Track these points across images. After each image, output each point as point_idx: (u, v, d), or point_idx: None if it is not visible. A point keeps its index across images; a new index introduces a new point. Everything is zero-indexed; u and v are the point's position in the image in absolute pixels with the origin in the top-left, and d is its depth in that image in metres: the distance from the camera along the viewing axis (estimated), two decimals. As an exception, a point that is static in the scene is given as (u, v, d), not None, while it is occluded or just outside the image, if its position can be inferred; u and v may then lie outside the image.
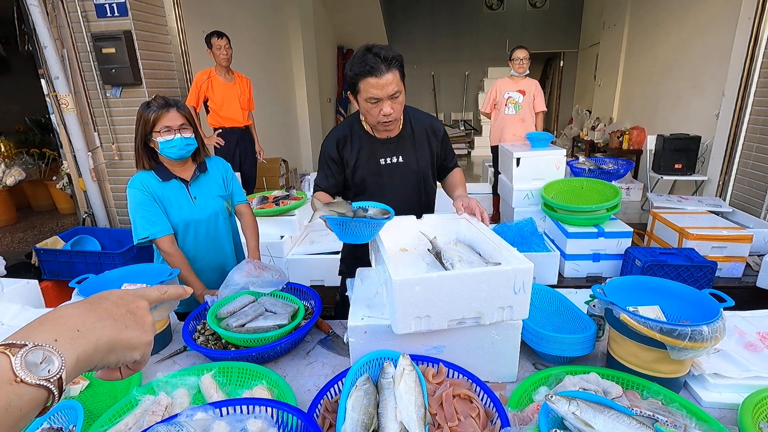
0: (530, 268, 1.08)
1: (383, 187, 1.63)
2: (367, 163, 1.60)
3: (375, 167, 1.62)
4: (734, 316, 1.40)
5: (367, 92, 1.40)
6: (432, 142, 1.67)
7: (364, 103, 1.44)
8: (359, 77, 1.38)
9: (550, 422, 0.89)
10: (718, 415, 1.05)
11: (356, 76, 1.39)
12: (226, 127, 3.95)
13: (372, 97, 1.40)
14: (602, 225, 2.93)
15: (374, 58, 1.35)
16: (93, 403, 1.17)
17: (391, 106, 1.43)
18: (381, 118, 1.45)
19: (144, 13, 3.47)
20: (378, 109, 1.43)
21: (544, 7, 10.11)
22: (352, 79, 1.41)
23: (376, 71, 1.35)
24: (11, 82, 6.49)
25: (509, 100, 4.26)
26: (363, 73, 1.36)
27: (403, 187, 1.66)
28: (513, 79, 4.26)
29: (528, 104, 4.24)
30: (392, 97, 1.41)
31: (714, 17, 4.53)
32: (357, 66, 1.37)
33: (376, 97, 1.40)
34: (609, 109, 7.35)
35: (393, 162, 1.63)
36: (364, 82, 1.38)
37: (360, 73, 1.37)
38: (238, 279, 1.60)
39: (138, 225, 1.67)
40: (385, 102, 1.41)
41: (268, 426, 0.86)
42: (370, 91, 1.39)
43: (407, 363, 1.02)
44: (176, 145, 1.63)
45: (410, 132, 1.63)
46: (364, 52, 1.37)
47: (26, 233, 4.68)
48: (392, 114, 1.44)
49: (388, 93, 1.39)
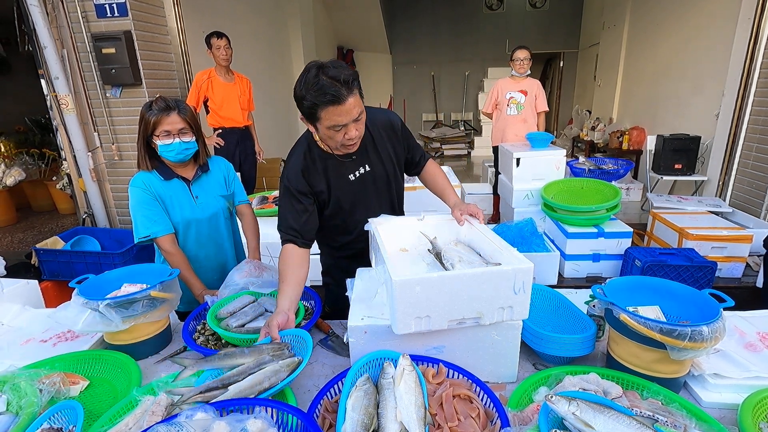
0: (530, 268, 1.08)
1: (357, 202, 1.56)
2: (337, 183, 1.51)
3: (346, 185, 1.53)
4: (734, 317, 1.40)
5: (330, 120, 1.27)
6: (393, 140, 1.58)
7: (326, 130, 1.31)
8: (319, 107, 1.25)
9: (550, 422, 0.89)
10: (718, 415, 1.05)
11: (315, 106, 1.25)
12: (226, 128, 3.95)
13: (336, 125, 1.29)
14: (602, 225, 2.93)
15: (332, 83, 1.21)
16: (93, 403, 1.18)
17: (355, 128, 1.33)
18: (345, 141, 1.35)
19: (144, 13, 3.47)
20: (342, 134, 1.32)
21: (544, 7, 10.11)
22: (311, 109, 1.26)
23: (339, 98, 1.22)
24: (11, 82, 6.49)
25: (511, 100, 4.25)
26: (323, 102, 1.23)
27: (376, 196, 1.60)
28: (514, 79, 4.25)
29: (530, 104, 4.23)
30: (356, 120, 1.31)
31: (714, 17, 4.53)
32: (315, 95, 1.23)
33: (340, 124, 1.28)
34: (609, 110, 7.35)
35: (361, 173, 1.54)
36: (325, 111, 1.25)
37: (320, 103, 1.24)
38: (238, 279, 1.60)
39: (139, 223, 1.67)
40: (349, 126, 1.31)
41: (268, 426, 0.86)
42: (334, 119, 1.27)
43: (407, 363, 1.02)
44: (174, 150, 1.63)
45: (369, 137, 1.52)
46: (318, 75, 1.22)
47: (26, 233, 4.68)
48: (356, 135, 1.35)
49: (352, 117, 1.28)
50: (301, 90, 1.26)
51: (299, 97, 1.28)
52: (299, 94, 1.27)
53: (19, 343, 1.49)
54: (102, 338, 1.45)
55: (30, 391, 1.06)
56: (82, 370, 1.30)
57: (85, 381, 1.24)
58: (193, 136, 1.66)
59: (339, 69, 1.24)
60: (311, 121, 1.33)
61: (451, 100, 11.16)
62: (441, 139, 9.85)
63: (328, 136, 1.34)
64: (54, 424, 0.98)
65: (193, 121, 1.67)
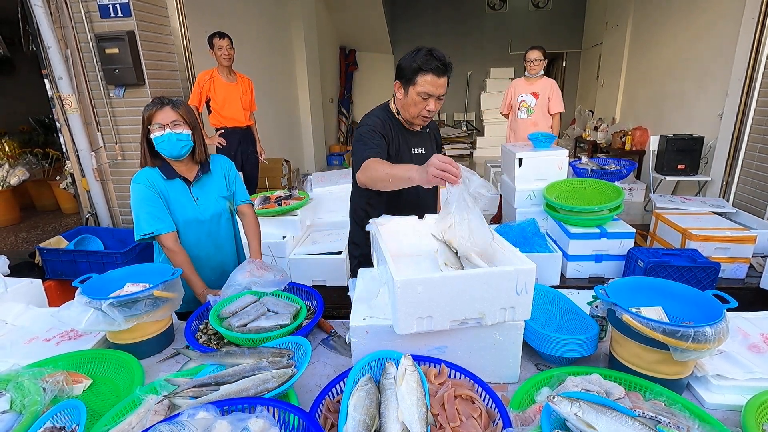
0: (532, 268, 1.08)
1: None
2: (401, 149, 1.72)
3: (408, 155, 1.74)
4: (737, 318, 1.39)
5: (423, 87, 1.54)
6: (435, 138, 1.89)
7: (416, 95, 1.57)
8: (421, 71, 1.52)
9: (552, 423, 0.89)
10: (722, 416, 1.05)
11: (419, 70, 1.52)
12: (228, 127, 3.96)
13: (426, 92, 1.55)
14: (605, 226, 2.92)
15: (437, 60, 1.50)
16: (96, 402, 1.18)
17: (435, 105, 1.60)
18: (424, 113, 1.61)
19: (147, 13, 3.48)
20: (425, 104, 1.58)
21: (546, 7, 10.10)
22: (413, 72, 1.53)
23: (438, 71, 1.51)
24: (15, 82, 6.52)
25: (522, 103, 4.21)
26: (427, 69, 1.51)
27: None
28: (528, 80, 4.20)
29: (541, 107, 4.16)
30: (439, 98, 1.59)
31: (717, 17, 4.52)
32: (422, 60, 1.50)
33: (429, 93, 1.55)
34: (612, 110, 7.34)
35: (419, 153, 1.77)
36: (423, 77, 1.52)
37: (424, 68, 1.51)
38: (240, 279, 1.60)
39: (142, 220, 1.67)
40: (432, 99, 1.57)
41: (269, 426, 0.86)
42: (427, 86, 1.53)
43: (409, 363, 1.02)
44: (166, 140, 1.63)
45: (425, 128, 1.80)
46: (429, 51, 1.51)
47: (30, 233, 4.70)
48: (434, 111, 1.62)
49: (439, 93, 1.56)
50: (409, 58, 1.55)
51: (405, 64, 1.56)
52: (405, 61, 1.56)
53: (22, 342, 1.50)
54: (105, 337, 1.45)
55: (33, 390, 1.07)
56: (85, 369, 1.30)
57: (88, 380, 1.24)
58: (186, 128, 1.66)
59: (444, 55, 1.53)
60: (406, 84, 1.58)
61: (454, 100, 11.15)
62: (443, 139, 9.84)
63: (413, 102, 1.60)
64: (57, 423, 0.99)
65: (186, 116, 1.67)
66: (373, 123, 1.68)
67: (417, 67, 1.52)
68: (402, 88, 1.62)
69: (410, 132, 1.75)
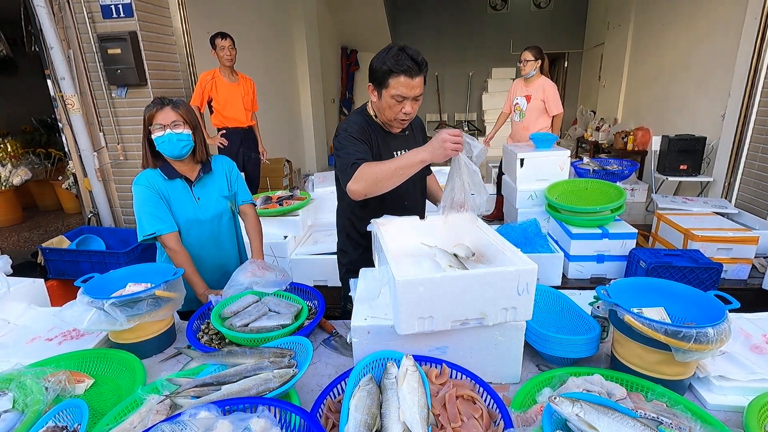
0: (534, 269, 1.08)
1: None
2: (383, 153, 1.64)
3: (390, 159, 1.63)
4: (740, 318, 1.39)
5: (396, 89, 1.45)
6: (420, 138, 1.79)
7: (389, 99, 1.48)
8: (392, 73, 1.43)
9: (554, 424, 0.89)
10: (723, 417, 1.05)
11: (389, 72, 1.43)
12: (230, 128, 3.96)
13: (399, 95, 1.46)
14: (606, 226, 2.92)
15: (409, 59, 1.41)
16: (98, 401, 1.18)
17: (412, 106, 1.51)
18: (401, 116, 1.52)
19: (149, 14, 3.49)
20: (401, 107, 1.50)
21: (548, 7, 10.08)
22: (384, 74, 1.45)
23: (411, 72, 1.42)
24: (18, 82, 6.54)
25: (516, 106, 4.19)
26: (397, 71, 1.42)
27: (412, 179, 1.63)
28: (525, 81, 4.14)
29: (532, 111, 4.08)
30: (415, 99, 1.50)
31: (720, 17, 4.50)
32: (391, 62, 1.42)
33: (403, 95, 1.46)
34: (613, 110, 7.32)
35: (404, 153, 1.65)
36: (395, 79, 1.43)
37: (394, 70, 1.42)
38: (242, 279, 1.60)
39: (144, 221, 1.67)
40: (408, 101, 1.49)
41: (271, 425, 0.86)
42: (400, 89, 1.45)
43: (410, 363, 1.02)
44: (166, 140, 1.64)
45: (410, 127, 1.72)
46: (399, 51, 1.42)
47: (32, 232, 4.72)
48: (411, 114, 1.53)
49: (414, 94, 1.47)
50: (380, 59, 1.45)
51: (376, 66, 1.47)
52: (376, 62, 1.46)
53: (25, 342, 1.51)
54: (107, 337, 1.46)
55: (36, 389, 1.07)
56: (87, 369, 1.30)
57: (90, 379, 1.24)
58: (186, 128, 1.67)
59: (417, 52, 1.45)
60: (379, 87, 1.49)
61: (455, 101, 11.14)
62: (445, 139, 9.82)
63: (388, 106, 1.51)
64: (59, 422, 0.99)
65: (187, 116, 1.67)
66: (350, 129, 1.59)
67: (388, 69, 1.43)
68: (375, 92, 1.53)
69: (391, 135, 1.66)
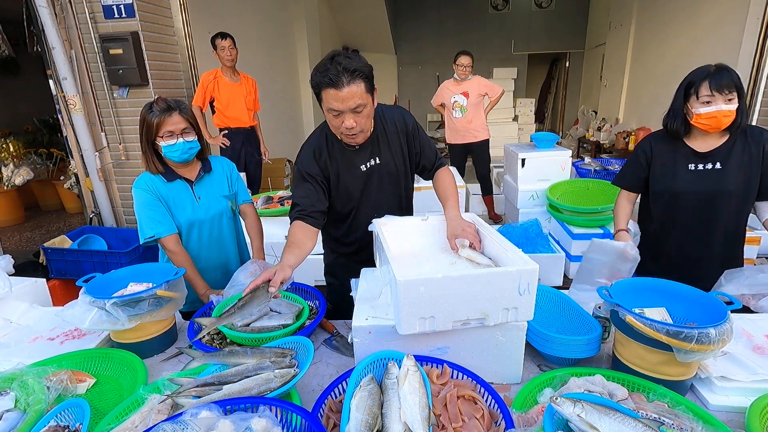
0: (535, 269, 1.08)
1: (370, 192, 1.59)
2: (348, 170, 1.55)
3: (357, 173, 1.56)
4: (742, 319, 1.38)
5: (328, 103, 1.34)
6: (404, 137, 1.61)
7: (327, 113, 1.39)
8: (320, 87, 1.32)
9: (555, 424, 0.88)
10: (725, 418, 1.05)
11: (317, 86, 1.33)
12: (232, 128, 3.97)
13: (332, 109, 1.34)
14: (608, 226, 2.91)
15: (336, 68, 1.28)
16: (99, 401, 1.18)
17: (354, 120, 1.36)
18: (343, 130, 1.40)
19: (151, 14, 3.49)
20: (340, 121, 1.37)
21: (549, 7, 10.07)
22: (315, 88, 1.35)
23: (337, 83, 1.28)
24: (20, 82, 6.55)
25: (455, 104, 4.39)
26: (323, 83, 1.30)
27: (384, 190, 1.62)
28: (457, 82, 4.40)
29: (472, 105, 4.37)
30: (354, 111, 1.34)
31: (722, 17, 4.50)
32: (318, 75, 1.31)
33: (336, 109, 1.33)
34: (615, 110, 7.31)
35: (372, 165, 1.57)
36: (325, 92, 1.32)
37: (321, 83, 1.31)
38: (243, 279, 1.60)
39: (144, 224, 1.68)
40: (346, 114, 1.35)
41: (272, 425, 0.86)
42: (331, 102, 1.33)
43: (411, 363, 1.02)
44: (179, 150, 1.64)
45: (382, 130, 1.57)
46: (328, 61, 1.30)
47: (34, 232, 4.73)
48: (355, 127, 1.38)
49: (349, 106, 1.33)
50: (314, 70, 1.34)
51: (311, 77, 1.36)
52: (312, 74, 1.35)
53: (26, 341, 1.51)
54: (108, 336, 1.46)
55: (38, 389, 1.07)
56: (88, 368, 1.31)
57: (92, 379, 1.25)
58: (195, 135, 1.68)
59: (349, 59, 1.30)
60: (319, 102, 1.39)
61: (456, 101, 11.12)
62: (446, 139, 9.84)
63: (329, 121, 1.42)
64: (61, 422, 0.99)
65: (193, 120, 1.68)
66: (301, 163, 1.52)
67: (315, 82, 1.33)
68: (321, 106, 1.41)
69: (348, 146, 1.52)
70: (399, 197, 1.67)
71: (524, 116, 8.70)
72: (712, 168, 1.65)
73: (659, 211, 1.78)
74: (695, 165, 1.67)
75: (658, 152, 1.73)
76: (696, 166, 1.67)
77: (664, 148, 1.72)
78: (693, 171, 1.67)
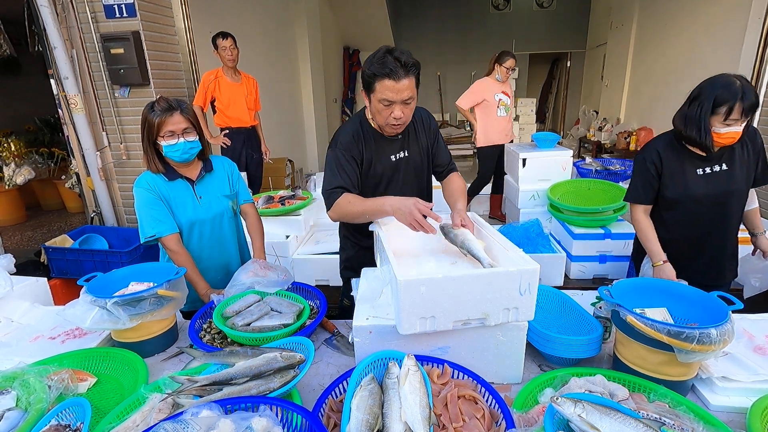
0: (536, 269, 1.08)
1: (397, 182, 1.68)
2: (380, 159, 1.63)
3: (388, 163, 1.65)
4: (743, 319, 1.38)
5: (382, 93, 1.41)
6: (424, 134, 1.72)
7: (377, 103, 1.45)
8: (377, 77, 1.40)
9: (556, 424, 0.88)
10: (726, 418, 1.04)
11: (374, 76, 1.40)
12: (233, 127, 3.97)
13: (386, 99, 1.42)
14: (609, 226, 2.91)
15: (394, 61, 1.37)
16: (100, 400, 1.19)
17: (402, 110, 1.45)
18: (391, 120, 1.48)
19: (152, 14, 3.50)
20: (389, 111, 1.45)
21: (551, 7, 10.06)
22: (370, 78, 1.42)
23: (395, 75, 1.37)
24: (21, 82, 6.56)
25: (500, 102, 4.23)
26: (381, 74, 1.38)
27: (411, 181, 1.71)
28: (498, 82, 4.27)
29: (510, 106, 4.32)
30: (405, 102, 1.44)
31: (723, 16, 4.49)
32: (376, 66, 1.39)
33: (390, 99, 1.42)
34: (616, 110, 7.30)
35: (402, 157, 1.67)
36: (380, 83, 1.40)
37: (378, 74, 1.39)
38: (243, 279, 1.60)
39: (145, 224, 1.68)
40: (397, 105, 1.44)
41: (273, 424, 0.86)
42: (386, 93, 1.41)
43: (412, 363, 1.02)
44: (180, 149, 1.64)
45: (412, 125, 1.68)
46: (385, 54, 1.38)
47: (35, 231, 4.74)
48: (402, 118, 1.47)
49: (402, 98, 1.42)
50: (368, 63, 1.42)
51: (364, 70, 1.44)
52: (365, 68, 1.44)
53: (28, 340, 1.51)
54: (109, 336, 1.46)
55: (39, 388, 1.08)
56: (89, 367, 1.31)
57: (93, 378, 1.25)
58: (196, 135, 1.68)
59: (404, 54, 1.39)
60: (368, 92, 1.47)
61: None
62: (447, 139, 9.83)
63: (377, 110, 1.48)
64: (62, 421, 0.99)
65: (194, 120, 1.68)
66: (343, 145, 1.58)
67: (372, 73, 1.40)
68: (366, 97, 1.50)
69: (387, 139, 1.62)
70: (421, 190, 1.76)
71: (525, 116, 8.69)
72: (720, 170, 1.69)
73: (673, 217, 1.79)
74: (703, 169, 1.70)
75: (666, 161, 1.74)
76: (704, 170, 1.70)
77: (671, 156, 1.73)
78: (703, 175, 1.70)
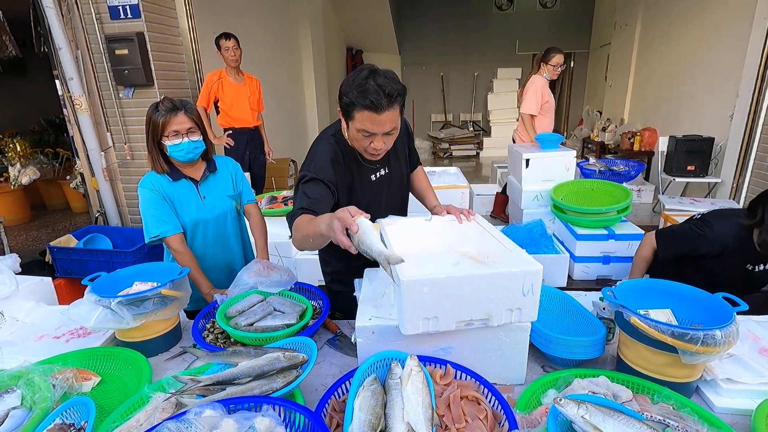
0: (539, 270, 1.08)
1: (378, 202, 1.59)
2: (361, 181, 1.52)
3: (368, 184, 1.55)
4: (748, 321, 1.37)
5: (361, 124, 1.28)
6: (401, 144, 1.61)
7: (356, 132, 1.32)
8: (356, 106, 1.26)
9: (559, 425, 0.88)
10: (731, 421, 1.04)
11: (352, 105, 1.26)
12: (236, 128, 3.98)
13: (365, 131, 1.29)
14: (612, 227, 2.90)
15: (377, 90, 1.22)
16: (104, 399, 1.19)
17: (384, 141, 1.33)
18: (370, 150, 1.36)
19: (156, 15, 3.52)
20: (368, 141, 1.33)
21: (554, 7, 10.04)
22: (348, 106, 1.28)
23: (377, 107, 1.23)
24: (27, 83, 6.62)
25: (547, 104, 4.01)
26: (361, 105, 1.24)
27: (392, 196, 1.64)
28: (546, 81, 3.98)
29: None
30: (387, 134, 1.32)
31: (728, 17, 4.46)
32: (356, 94, 1.24)
33: (370, 131, 1.29)
34: (620, 110, 7.28)
35: (381, 175, 1.57)
36: (360, 113, 1.26)
37: (357, 104, 1.25)
38: (247, 279, 1.61)
39: (149, 224, 1.69)
40: (378, 137, 1.31)
41: (276, 424, 0.86)
42: (365, 124, 1.28)
43: (415, 364, 1.01)
44: (184, 149, 1.65)
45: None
46: (367, 79, 1.24)
47: (40, 231, 4.77)
48: (383, 148, 1.35)
49: (383, 130, 1.29)
50: (347, 85, 1.27)
51: (342, 92, 1.29)
52: (344, 89, 1.28)
53: (32, 339, 1.52)
54: (113, 335, 1.47)
55: (43, 387, 1.08)
56: (94, 367, 1.31)
57: (97, 377, 1.25)
58: (200, 135, 1.68)
59: (389, 80, 1.25)
60: (346, 118, 1.34)
61: (460, 101, 11.13)
62: (450, 139, 9.83)
63: (356, 138, 1.36)
64: (66, 420, 1.00)
65: (198, 120, 1.69)
66: (317, 169, 1.40)
67: (350, 101, 1.25)
68: (343, 120, 1.36)
69: (366, 161, 1.49)
70: (403, 200, 1.72)
71: (528, 116, 8.66)
72: (764, 269, 1.76)
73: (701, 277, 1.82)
74: (754, 266, 1.76)
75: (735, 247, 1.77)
76: (755, 267, 1.76)
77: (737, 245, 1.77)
78: (750, 270, 1.77)
